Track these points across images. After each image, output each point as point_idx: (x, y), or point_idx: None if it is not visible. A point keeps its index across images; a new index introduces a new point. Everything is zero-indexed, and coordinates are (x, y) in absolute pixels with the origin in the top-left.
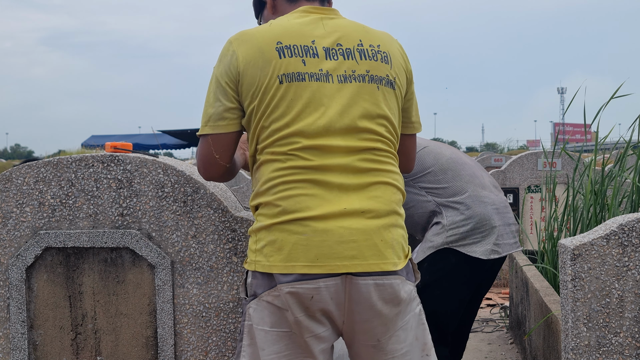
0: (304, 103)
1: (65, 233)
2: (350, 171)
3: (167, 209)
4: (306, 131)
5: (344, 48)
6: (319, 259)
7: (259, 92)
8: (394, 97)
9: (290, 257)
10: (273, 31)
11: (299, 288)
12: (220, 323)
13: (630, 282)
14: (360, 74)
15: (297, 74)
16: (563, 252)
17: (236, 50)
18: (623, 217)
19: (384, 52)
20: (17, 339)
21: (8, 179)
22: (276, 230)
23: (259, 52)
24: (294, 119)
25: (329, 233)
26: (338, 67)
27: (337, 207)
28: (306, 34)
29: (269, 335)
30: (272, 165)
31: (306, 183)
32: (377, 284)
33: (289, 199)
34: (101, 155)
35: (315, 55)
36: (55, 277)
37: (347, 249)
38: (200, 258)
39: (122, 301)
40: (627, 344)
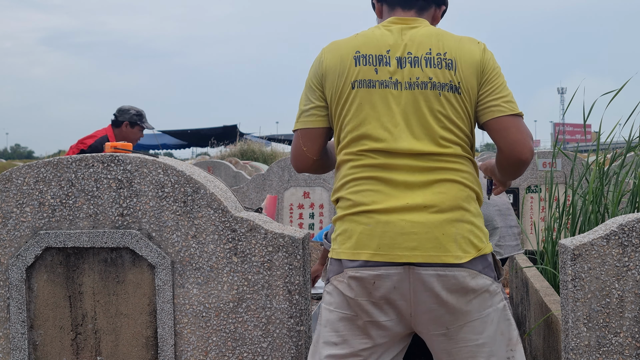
0: (372, 107)
1: (65, 233)
2: (415, 170)
3: (167, 209)
4: (373, 134)
5: (413, 57)
6: (381, 248)
7: (336, 96)
8: (459, 100)
9: (357, 245)
10: (355, 41)
11: (362, 273)
12: (220, 323)
13: (630, 282)
14: (424, 81)
15: (368, 81)
16: (563, 252)
17: (324, 57)
18: (623, 217)
19: (449, 59)
20: (17, 339)
21: (8, 179)
22: (347, 221)
23: (339, 60)
24: (363, 122)
25: (391, 225)
26: (405, 75)
27: (401, 202)
28: (383, 44)
29: (332, 314)
30: (347, 165)
31: (373, 180)
32: (439, 274)
33: (358, 193)
34: (101, 155)
35: (387, 64)
36: (55, 277)
37: (407, 240)
38: (200, 258)
39: (122, 301)
40: (627, 344)
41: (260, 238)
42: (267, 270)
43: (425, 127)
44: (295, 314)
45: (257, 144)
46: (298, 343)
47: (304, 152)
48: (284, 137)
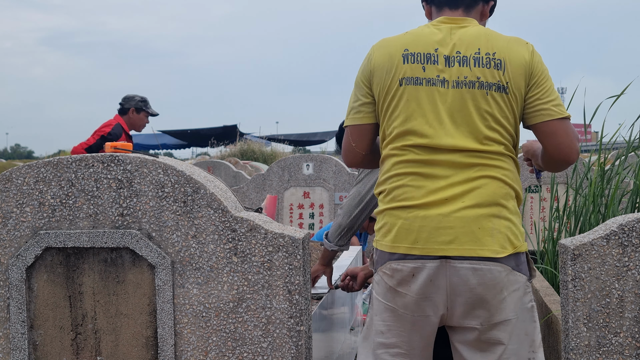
0: (418, 104)
1: (65, 233)
2: (457, 166)
3: (167, 209)
4: (418, 130)
5: (461, 56)
6: (417, 242)
7: (383, 93)
8: (506, 100)
9: (396, 238)
10: (404, 39)
11: (402, 265)
12: (220, 323)
13: (630, 282)
14: (472, 80)
15: (415, 79)
16: (563, 252)
17: (373, 54)
18: (623, 217)
19: (498, 59)
20: (17, 339)
21: (8, 179)
22: (387, 215)
23: (388, 57)
24: (408, 118)
25: (428, 219)
26: (453, 73)
27: (439, 196)
28: (432, 43)
29: (380, 304)
30: (391, 160)
31: (414, 175)
32: (475, 268)
33: (399, 188)
34: (101, 155)
35: (435, 62)
36: (55, 277)
37: (443, 234)
38: (200, 258)
39: (122, 301)
40: (627, 344)
41: (260, 238)
42: (267, 270)
43: (470, 125)
44: (295, 314)
45: (257, 144)
46: (298, 343)
47: (353, 147)
48: (284, 137)
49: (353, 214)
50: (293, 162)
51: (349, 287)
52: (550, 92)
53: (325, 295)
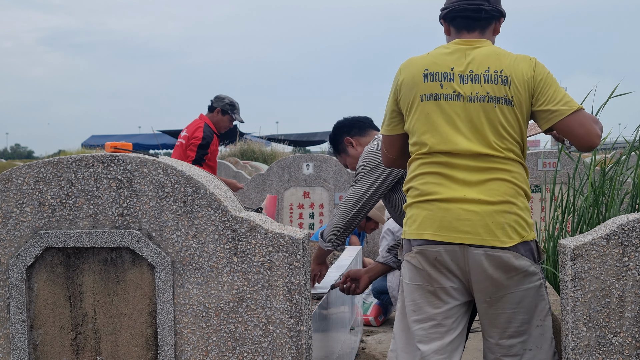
0: (438, 116)
1: (65, 233)
2: (472, 169)
3: (167, 209)
4: (439, 138)
5: (474, 74)
6: (440, 230)
7: (407, 107)
8: (512, 112)
9: (421, 226)
10: (425, 60)
11: (425, 249)
12: (220, 323)
13: (630, 282)
14: (482, 95)
15: (434, 95)
16: (563, 252)
17: (400, 73)
18: (623, 217)
19: (505, 76)
20: (17, 339)
21: (8, 179)
22: (414, 207)
23: (411, 76)
24: (430, 128)
25: (450, 212)
26: (467, 89)
27: (459, 194)
28: (448, 63)
29: (408, 287)
30: (417, 162)
31: (437, 175)
32: (488, 254)
33: (425, 185)
34: (101, 155)
35: (451, 80)
36: (55, 277)
37: (463, 225)
38: (200, 258)
39: (122, 301)
40: (627, 344)
41: (260, 238)
42: (267, 270)
43: (482, 134)
44: (295, 314)
45: (257, 144)
46: (298, 343)
47: (385, 153)
48: (283, 137)
49: (350, 215)
50: (293, 162)
51: (350, 289)
52: (556, 94)
53: (325, 295)
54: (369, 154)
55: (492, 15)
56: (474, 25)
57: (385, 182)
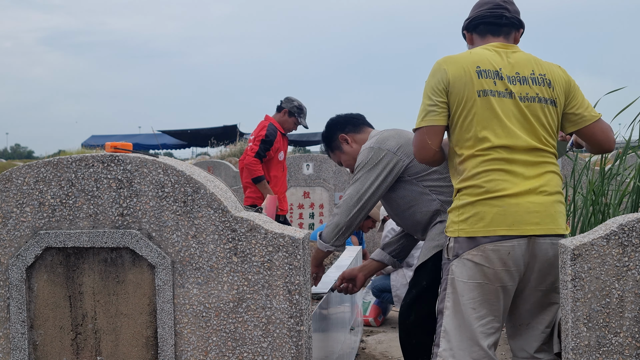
0: (493, 112)
1: (65, 233)
2: (528, 164)
3: (167, 209)
4: (497, 134)
5: (521, 76)
6: (514, 225)
7: (462, 101)
8: (555, 112)
9: (492, 223)
10: (473, 58)
11: (499, 246)
12: (220, 323)
13: (630, 282)
14: (532, 96)
15: (489, 91)
16: (563, 252)
17: (447, 68)
18: (623, 217)
19: (548, 79)
20: (17, 339)
21: (8, 179)
22: (479, 205)
23: (463, 72)
24: (487, 124)
25: (520, 206)
26: (517, 89)
27: (522, 188)
28: (495, 63)
29: (467, 285)
30: (476, 159)
31: (500, 171)
32: (553, 242)
33: (490, 182)
34: (101, 155)
35: (502, 79)
36: (55, 277)
37: (532, 217)
38: (200, 258)
39: (122, 301)
40: (627, 344)
41: (260, 238)
42: (267, 270)
43: (534, 131)
44: (296, 314)
45: None
46: (298, 343)
47: (429, 144)
48: None
49: (351, 213)
50: (293, 162)
51: (347, 289)
52: (584, 101)
53: (325, 295)
54: (369, 151)
55: (512, 22)
56: (497, 30)
57: (387, 179)
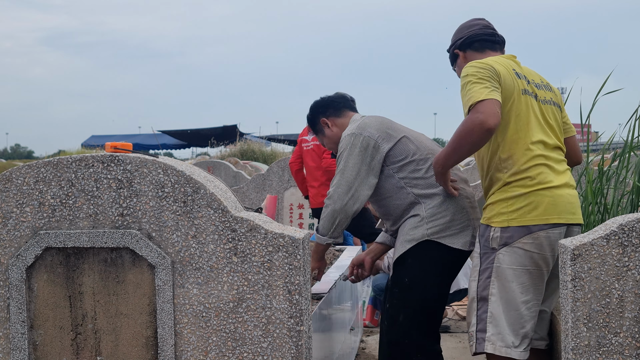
0: (532, 111)
1: (65, 233)
2: (557, 161)
3: (167, 209)
4: (539, 131)
5: (535, 82)
6: (561, 214)
7: (510, 97)
8: (561, 116)
9: (546, 212)
10: (506, 61)
11: (551, 233)
12: (220, 323)
13: (630, 282)
14: (548, 99)
15: (528, 91)
16: (563, 252)
17: (493, 65)
18: (623, 217)
19: (550, 87)
20: (17, 339)
21: (8, 179)
22: (532, 195)
23: (507, 70)
24: (530, 122)
25: (563, 197)
26: (540, 94)
27: (562, 181)
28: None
29: (516, 272)
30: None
31: (544, 166)
32: (579, 230)
33: (540, 175)
34: (101, 155)
35: (528, 83)
36: (55, 277)
37: (571, 208)
38: (200, 258)
39: (122, 301)
40: (627, 344)
41: (260, 238)
42: (267, 270)
43: (553, 131)
44: (295, 314)
45: (257, 144)
46: (298, 343)
47: (499, 114)
48: (284, 137)
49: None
50: None
51: (358, 275)
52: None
53: (325, 295)
54: (349, 137)
55: (502, 40)
56: (494, 46)
57: (372, 165)
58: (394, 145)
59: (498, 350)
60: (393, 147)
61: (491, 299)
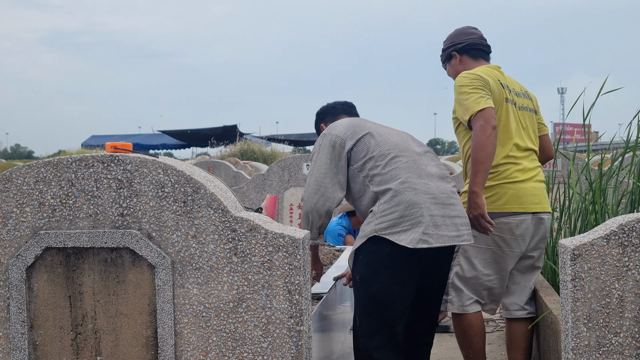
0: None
1: (65, 233)
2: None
3: (167, 209)
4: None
5: (515, 91)
6: (523, 204)
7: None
8: (535, 120)
9: (507, 202)
10: (493, 73)
11: (511, 219)
12: (220, 323)
13: (630, 282)
14: (525, 106)
15: (507, 99)
16: (563, 252)
17: (483, 76)
18: (623, 217)
19: (528, 95)
20: (17, 339)
21: (8, 179)
22: (497, 188)
23: (494, 80)
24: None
25: (527, 190)
26: (518, 101)
27: (527, 176)
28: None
29: (479, 249)
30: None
31: (513, 165)
32: (548, 218)
33: (507, 171)
34: (101, 155)
35: (510, 91)
36: (55, 277)
37: (534, 199)
38: (200, 258)
39: (122, 301)
40: (627, 344)
41: (260, 238)
42: (267, 270)
43: (527, 134)
44: (296, 314)
45: (257, 144)
46: (298, 343)
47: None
48: (284, 137)
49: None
50: (293, 162)
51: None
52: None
53: (325, 295)
54: (320, 138)
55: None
56: (486, 56)
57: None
58: (356, 143)
59: (456, 309)
60: (355, 145)
61: (455, 269)
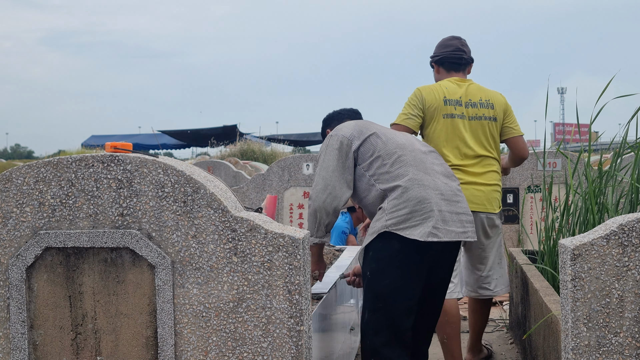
0: (453, 129)
1: (65, 233)
2: (476, 165)
3: (167, 209)
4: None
5: (472, 102)
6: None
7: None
8: (495, 126)
9: None
10: (442, 89)
11: None
12: (220, 323)
13: (630, 282)
14: (479, 115)
15: (451, 114)
16: (563, 252)
17: (423, 94)
18: (623, 217)
19: (491, 103)
20: (17, 339)
21: (8, 179)
22: None
23: (435, 99)
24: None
25: (467, 191)
26: (470, 112)
27: (470, 180)
28: (457, 93)
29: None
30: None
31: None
32: (487, 217)
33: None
34: (101, 155)
35: (460, 105)
36: (55, 277)
37: (473, 199)
38: (200, 258)
39: (122, 301)
40: (627, 344)
41: (260, 238)
42: (267, 270)
43: (480, 141)
44: (296, 314)
45: (257, 144)
46: (298, 343)
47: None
48: (283, 137)
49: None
50: (293, 162)
51: (354, 283)
52: (514, 119)
53: (325, 295)
54: (326, 139)
55: (467, 61)
56: (458, 67)
57: (343, 161)
58: (362, 143)
59: None
60: (362, 144)
61: None
